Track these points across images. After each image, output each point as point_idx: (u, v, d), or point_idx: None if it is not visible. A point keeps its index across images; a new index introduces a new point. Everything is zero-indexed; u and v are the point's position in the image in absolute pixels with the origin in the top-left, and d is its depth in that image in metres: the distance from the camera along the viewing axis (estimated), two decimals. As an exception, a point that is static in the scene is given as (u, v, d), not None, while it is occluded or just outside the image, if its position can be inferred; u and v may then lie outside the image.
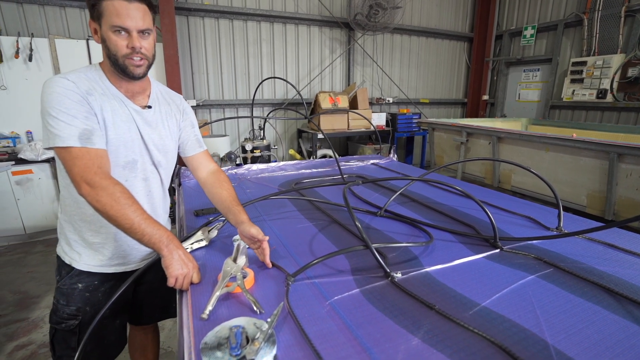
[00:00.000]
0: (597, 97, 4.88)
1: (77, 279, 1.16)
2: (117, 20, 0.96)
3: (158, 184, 1.25)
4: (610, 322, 0.75)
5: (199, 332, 0.72)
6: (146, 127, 1.15)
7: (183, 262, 0.93)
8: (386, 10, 5.01)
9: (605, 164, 2.57)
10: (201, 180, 1.29)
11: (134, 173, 1.14)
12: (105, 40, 1.00)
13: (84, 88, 1.01)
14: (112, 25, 0.97)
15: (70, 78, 0.99)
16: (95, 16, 0.99)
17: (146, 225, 0.94)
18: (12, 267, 3.13)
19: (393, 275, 0.92)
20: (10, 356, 2.06)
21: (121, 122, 1.07)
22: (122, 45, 1.00)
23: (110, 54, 1.01)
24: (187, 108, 1.32)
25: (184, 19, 4.51)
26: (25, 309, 2.51)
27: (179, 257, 0.93)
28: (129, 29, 0.98)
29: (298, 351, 0.67)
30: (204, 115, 4.94)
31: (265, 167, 2.28)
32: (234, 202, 1.16)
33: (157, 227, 0.96)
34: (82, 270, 1.16)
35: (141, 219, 0.94)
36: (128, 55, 1.01)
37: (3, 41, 3.54)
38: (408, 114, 5.61)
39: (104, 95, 1.05)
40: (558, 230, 1.24)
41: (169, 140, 1.23)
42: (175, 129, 1.26)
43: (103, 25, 0.99)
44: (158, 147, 1.19)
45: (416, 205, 1.55)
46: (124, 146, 1.09)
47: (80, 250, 1.15)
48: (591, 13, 4.94)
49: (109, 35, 0.99)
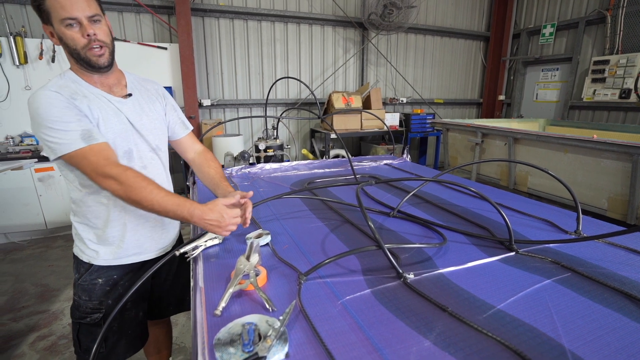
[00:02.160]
0: (620, 97, 4.72)
1: (97, 275, 1.20)
2: (63, 13, 0.98)
3: (160, 169, 1.28)
4: (632, 330, 0.72)
5: (212, 328, 0.73)
6: (134, 114, 1.17)
7: (215, 219, 1.01)
8: (401, 9, 4.97)
9: (627, 166, 2.48)
10: (190, 161, 1.40)
11: (131, 163, 1.16)
12: (62, 37, 1.02)
13: (67, 94, 1.03)
14: (62, 20, 0.98)
15: (51, 88, 1.02)
16: (45, 17, 1.01)
17: (166, 202, 1.00)
18: (34, 260, 3.25)
19: (405, 276, 0.91)
20: (32, 346, 2.15)
21: (110, 116, 1.11)
22: (77, 37, 1.01)
23: (71, 49, 1.03)
24: (165, 92, 1.35)
25: (200, 20, 4.58)
26: (46, 301, 2.61)
27: (209, 219, 1.01)
28: (78, 18, 0.99)
29: (309, 349, 0.67)
30: (218, 114, 5.01)
31: (278, 166, 2.30)
32: (221, 179, 1.30)
33: (177, 202, 1.01)
34: (101, 265, 1.20)
35: (160, 198, 0.99)
36: (87, 46, 1.02)
37: (28, 43, 3.68)
38: (422, 114, 5.55)
39: (85, 96, 1.07)
40: (577, 234, 1.21)
41: (159, 122, 1.27)
42: (162, 112, 1.30)
43: (54, 24, 1.00)
44: (152, 132, 1.22)
45: (430, 207, 1.54)
46: (120, 137, 1.12)
47: (96, 247, 1.19)
48: (615, 10, 4.78)
49: (63, 32, 1.00)
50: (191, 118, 4.43)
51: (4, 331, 2.27)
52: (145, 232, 1.24)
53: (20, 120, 3.77)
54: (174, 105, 1.37)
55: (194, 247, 1.08)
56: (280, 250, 1.10)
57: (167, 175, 1.33)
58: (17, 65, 3.64)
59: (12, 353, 2.08)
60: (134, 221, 1.20)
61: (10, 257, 3.33)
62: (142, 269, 1.27)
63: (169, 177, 1.36)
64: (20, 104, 3.75)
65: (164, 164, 1.31)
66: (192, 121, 4.39)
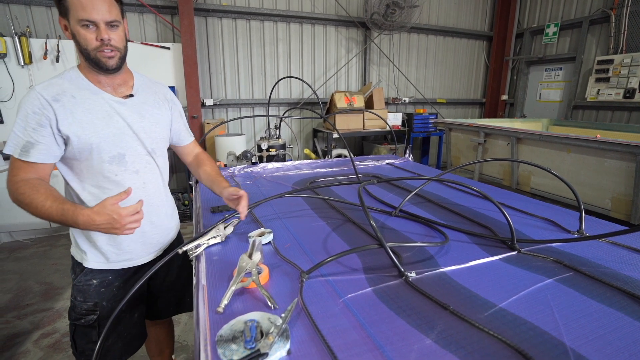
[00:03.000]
0: (624, 97, 4.69)
1: (91, 276, 1.20)
2: (83, 14, 0.97)
3: (155, 174, 1.26)
4: (634, 329, 0.72)
5: (214, 325, 0.74)
6: (134, 115, 1.16)
7: (106, 221, 0.92)
8: (403, 9, 4.97)
9: (631, 166, 2.47)
10: (188, 164, 1.45)
11: (122, 167, 1.15)
12: (75, 35, 1.01)
13: (50, 95, 1.03)
14: (79, 19, 0.98)
15: (37, 88, 1.03)
16: (63, 12, 1.01)
17: (50, 211, 0.95)
18: (38, 259, 3.28)
19: (407, 275, 0.91)
20: (36, 343, 2.16)
21: (97, 120, 1.08)
22: (91, 38, 1.01)
23: (82, 48, 1.03)
24: (174, 98, 1.35)
25: (203, 20, 4.60)
26: (50, 299, 2.63)
27: (99, 223, 0.93)
28: (96, 22, 0.99)
29: (311, 346, 0.67)
30: (221, 114, 5.03)
31: (280, 165, 2.30)
32: (217, 176, 1.34)
33: (62, 209, 0.95)
34: (94, 268, 1.20)
35: (46, 207, 0.95)
36: (98, 48, 1.02)
37: (33, 43, 3.70)
38: (424, 114, 5.54)
39: (74, 97, 1.06)
40: (579, 234, 1.20)
41: (161, 126, 1.25)
42: (167, 116, 1.28)
43: (71, 21, 1.00)
44: (151, 135, 1.20)
45: (432, 206, 1.54)
46: (105, 142, 1.10)
47: (87, 249, 1.19)
48: (619, 9, 4.75)
49: (78, 30, 1.00)
50: (194, 117, 4.44)
51: (9, 328, 2.29)
52: (136, 237, 1.22)
53: (25, 120, 3.79)
54: (181, 112, 1.37)
55: (196, 246, 1.09)
56: (282, 249, 1.10)
57: (163, 180, 1.31)
58: (21, 65, 3.67)
59: (16, 350, 2.10)
60: None
61: (15, 255, 3.36)
62: (138, 271, 1.27)
63: (166, 183, 1.34)
64: (25, 104, 3.77)
65: (161, 169, 1.29)
66: (195, 120, 4.43)
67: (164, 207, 1.32)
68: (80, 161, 1.10)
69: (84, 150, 1.08)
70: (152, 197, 1.24)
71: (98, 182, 1.13)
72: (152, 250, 1.29)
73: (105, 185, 1.14)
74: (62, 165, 1.13)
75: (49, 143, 1.03)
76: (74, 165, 1.12)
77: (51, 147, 1.04)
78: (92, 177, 1.13)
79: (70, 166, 1.12)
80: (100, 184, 1.14)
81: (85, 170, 1.12)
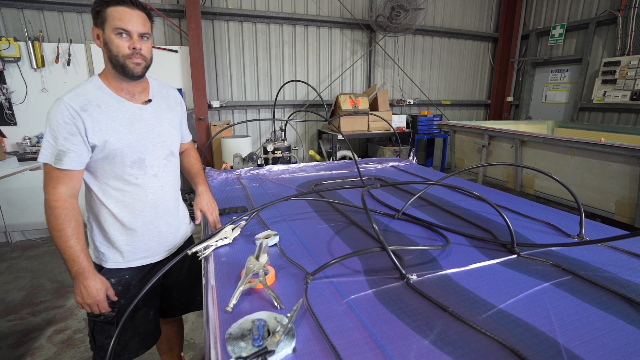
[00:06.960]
0: (631, 99, 4.66)
1: (109, 275, 1.25)
2: (120, 24, 1.07)
3: (171, 176, 1.34)
4: (628, 332, 0.75)
5: (223, 324, 0.77)
6: (154, 119, 1.25)
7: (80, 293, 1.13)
8: (408, 11, 4.98)
9: (636, 169, 2.47)
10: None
11: (142, 171, 1.22)
12: (108, 42, 1.10)
13: (78, 105, 1.09)
14: (116, 28, 1.07)
15: (65, 99, 1.09)
16: (100, 22, 1.09)
17: (66, 252, 1.10)
18: (49, 257, 3.36)
19: (408, 277, 0.95)
20: (49, 339, 2.23)
21: (121, 127, 1.16)
22: (123, 46, 1.10)
23: (112, 55, 1.11)
24: (182, 101, 1.44)
25: (209, 23, 4.66)
26: (62, 297, 2.70)
27: (78, 290, 1.14)
28: (130, 32, 1.09)
29: (315, 345, 0.71)
30: (227, 116, 5.09)
31: (285, 167, 2.34)
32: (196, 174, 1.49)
33: (74, 257, 1.11)
34: (112, 268, 1.26)
35: (66, 246, 1.09)
36: (129, 55, 1.10)
37: (45, 47, 3.79)
38: (429, 116, 5.55)
39: (99, 106, 1.13)
40: (579, 238, 1.22)
41: (175, 129, 1.35)
42: (178, 118, 1.38)
43: (106, 30, 1.08)
44: (169, 138, 1.30)
45: (434, 209, 1.56)
46: (128, 147, 1.18)
47: (105, 250, 1.25)
48: (626, 10, 4.72)
49: (112, 38, 1.09)
50: (201, 119, 4.50)
51: (24, 324, 2.36)
52: (153, 237, 1.30)
53: (37, 122, 3.89)
54: (184, 112, 1.47)
55: (205, 247, 1.13)
56: (287, 251, 1.14)
57: (177, 181, 1.41)
58: (34, 68, 3.76)
59: (31, 345, 2.17)
60: (142, 227, 1.26)
61: (28, 254, 3.44)
62: (154, 269, 1.33)
63: (179, 181, 1.42)
64: (37, 106, 3.86)
65: (176, 169, 1.38)
66: (201, 122, 4.49)
67: (179, 207, 1.40)
68: (103, 166, 1.17)
69: (109, 156, 1.15)
70: (168, 199, 1.32)
71: (119, 186, 1.20)
72: (167, 248, 1.35)
73: (126, 188, 1.21)
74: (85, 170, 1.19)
75: (80, 150, 1.10)
76: (97, 169, 1.18)
77: (82, 154, 1.12)
78: (114, 181, 1.19)
79: (92, 171, 1.19)
80: (121, 187, 1.20)
81: (108, 175, 1.18)
